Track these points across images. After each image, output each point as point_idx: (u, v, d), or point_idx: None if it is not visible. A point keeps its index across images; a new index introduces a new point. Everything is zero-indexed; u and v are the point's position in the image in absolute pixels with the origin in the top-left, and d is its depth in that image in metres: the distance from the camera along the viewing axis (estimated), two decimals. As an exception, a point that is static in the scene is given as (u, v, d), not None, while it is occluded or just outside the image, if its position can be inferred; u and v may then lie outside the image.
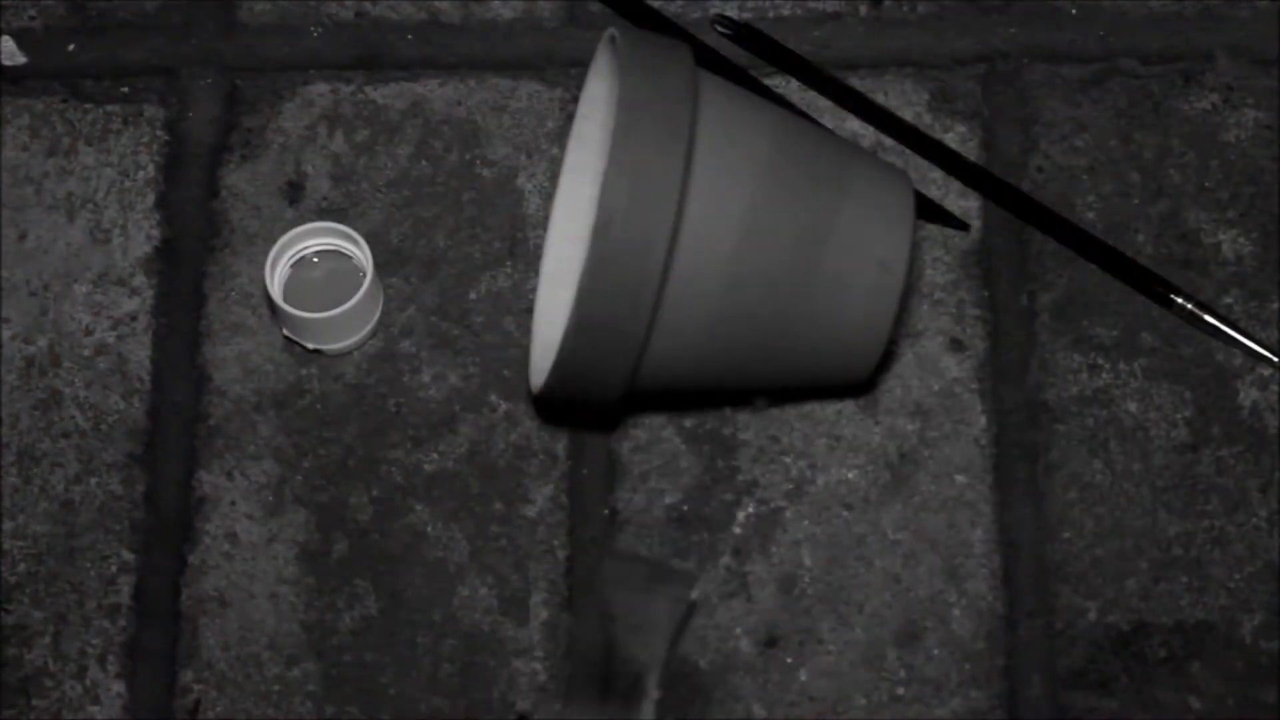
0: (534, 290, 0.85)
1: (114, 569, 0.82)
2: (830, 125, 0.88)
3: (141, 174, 0.88)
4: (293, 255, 0.85)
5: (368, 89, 0.89)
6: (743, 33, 0.89)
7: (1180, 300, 0.84)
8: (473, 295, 0.86)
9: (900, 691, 0.81)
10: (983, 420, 0.84)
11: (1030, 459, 0.83)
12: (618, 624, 0.79)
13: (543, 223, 0.87)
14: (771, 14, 0.90)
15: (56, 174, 0.88)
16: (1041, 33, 0.89)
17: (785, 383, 0.78)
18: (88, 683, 0.81)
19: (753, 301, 0.74)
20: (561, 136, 0.88)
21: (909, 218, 0.76)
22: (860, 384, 0.80)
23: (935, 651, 0.81)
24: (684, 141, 0.72)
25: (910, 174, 0.87)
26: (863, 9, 0.90)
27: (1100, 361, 0.85)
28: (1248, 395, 0.84)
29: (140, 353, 0.85)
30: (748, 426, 0.84)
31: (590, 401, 0.76)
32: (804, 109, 0.88)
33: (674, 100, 0.72)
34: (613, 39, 0.78)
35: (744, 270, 0.73)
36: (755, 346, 0.75)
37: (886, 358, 0.82)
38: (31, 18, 0.90)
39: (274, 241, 0.84)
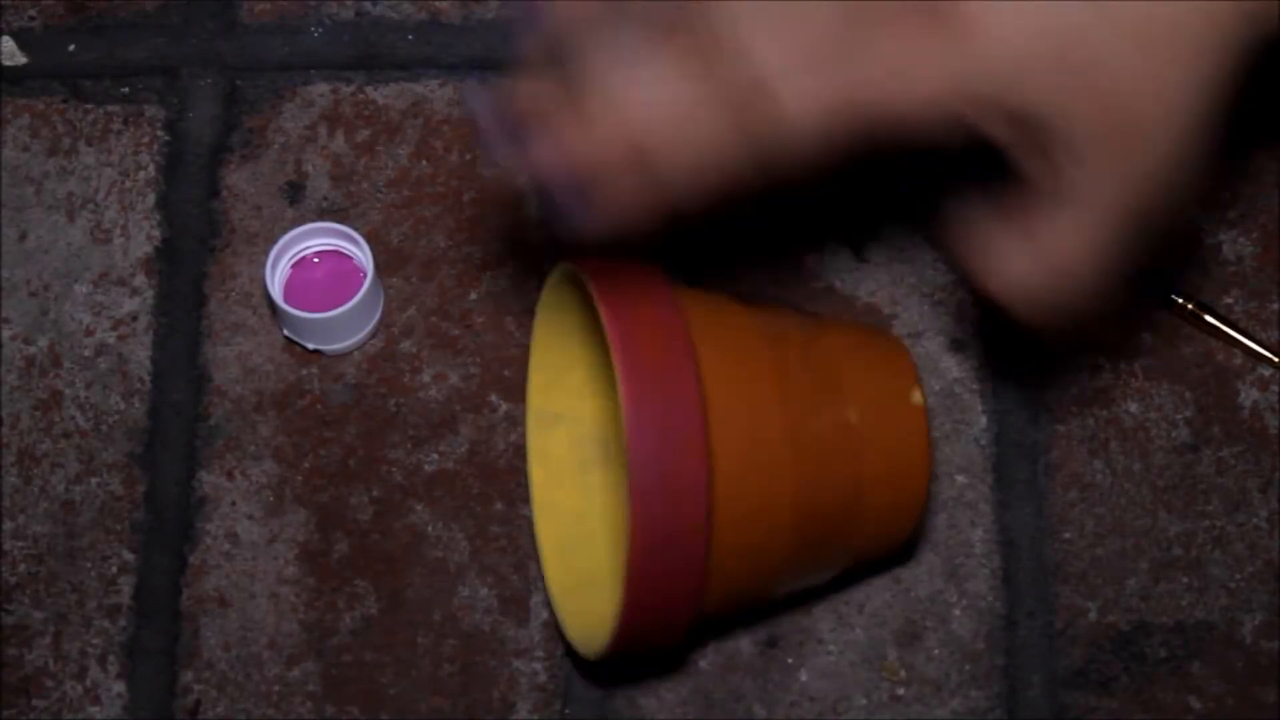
0: (534, 290, 0.85)
1: (114, 569, 0.83)
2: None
3: (142, 174, 0.88)
4: (293, 255, 0.85)
5: (368, 89, 0.89)
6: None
7: (1180, 300, 0.84)
8: (473, 295, 0.86)
9: (900, 691, 0.81)
10: (983, 420, 0.84)
11: (1030, 459, 0.83)
12: None
13: (543, 223, 0.87)
14: (772, 14, 0.90)
15: (56, 174, 0.88)
16: (1042, 33, 0.89)
17: (836, 569, 0.76)
18: (88, 683, 0.81)
19: (797, 495, 0.72)
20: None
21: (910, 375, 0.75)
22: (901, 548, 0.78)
23: (935, 651, 0.81)
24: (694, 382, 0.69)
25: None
26: (863, 9, 0.90)
27: (1100, 361, 0.85)
28: (1248, 395, 0.84)
29: (140, 353, 0.85)
30: (748, 426, 0.84)
31: (651, 652, 0.74)
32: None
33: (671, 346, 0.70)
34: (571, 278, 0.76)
35: (782, 473, 0.71)
36: (806, 542, 0.73)
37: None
38: (31, 18, 0.90)
39: (274, 241, 0.84)
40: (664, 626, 0.71)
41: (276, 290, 0.84)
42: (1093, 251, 0.64)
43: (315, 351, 0.85)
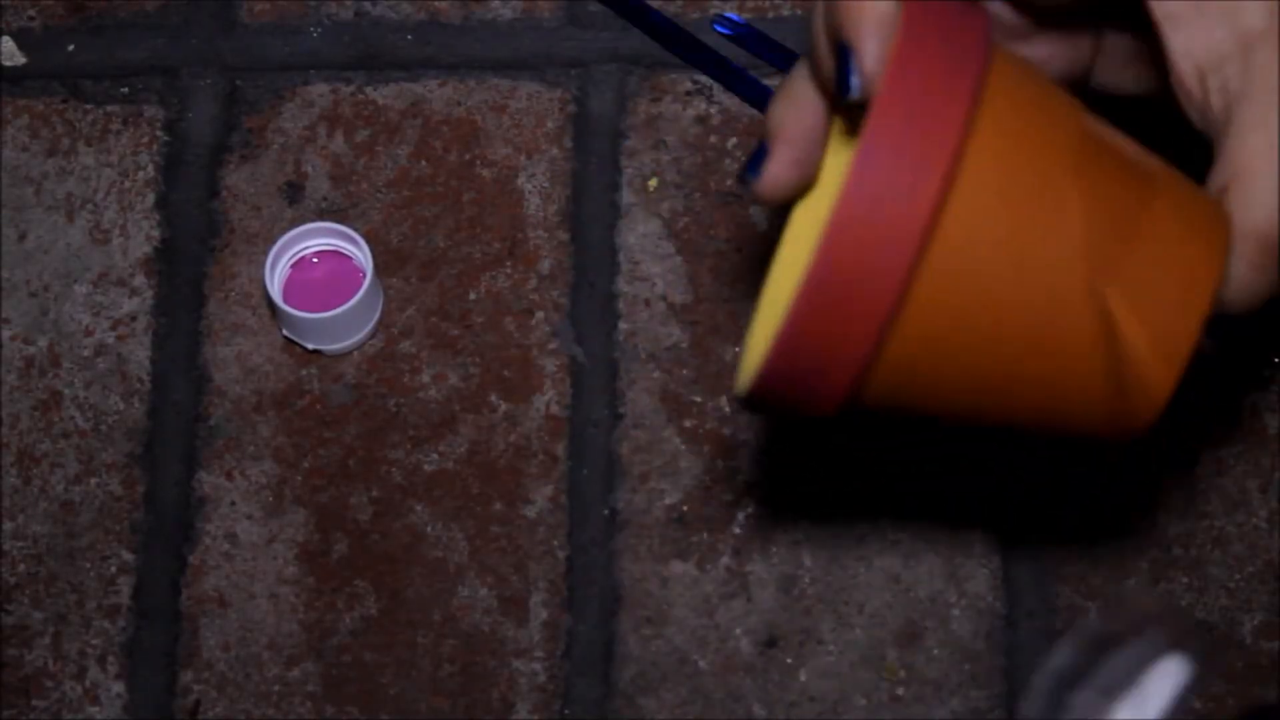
0: (534, 290, 0.86)
1: (114, 569, 0.82)
2: (830, 125, 0.88)
3: (141, 174, 0.88)
4: (293, 255, 0.85)
5: (367, 89, 0.89)
6: (743, 33, 0.89)
7: None
8: (473, 295, 0.86)
9: (900, 691, 0.81)
10: (983, 420, 0.84)
11: (1030, 458, 0.83)
12: None
13: (543, 222, 0.87)
14: (771, 14, 0.90)
15: (56, 174, 0.88)
16: (1041, 33, 0.89)
17: (1039, 416, 0.61)
18: (88, 683, 0.81)
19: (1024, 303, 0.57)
20: (561, 136, 0.88)
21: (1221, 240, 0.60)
22: (1129, 435, 0.62)
23: (935, 651, 0.81)
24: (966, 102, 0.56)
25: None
26: (862, 9, 0.90)
27: (1100, 361, 0.85)
28: (1248, 395, 0.84)
29: (140, 353, 0.85)
30: (748, 426, 0.84)
31: (807, 402, 0.60)
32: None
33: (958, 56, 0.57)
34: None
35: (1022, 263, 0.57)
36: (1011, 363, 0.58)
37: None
38: (31, 18, 0.90)
39: (274, 241, 0.84)
40: (823, 371, 0.57)
41: (276, 290, 0.83)
42: None
43: (315, 352, 0.85)
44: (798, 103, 0.62)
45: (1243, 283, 0.59)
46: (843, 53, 0.58)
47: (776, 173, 0.62)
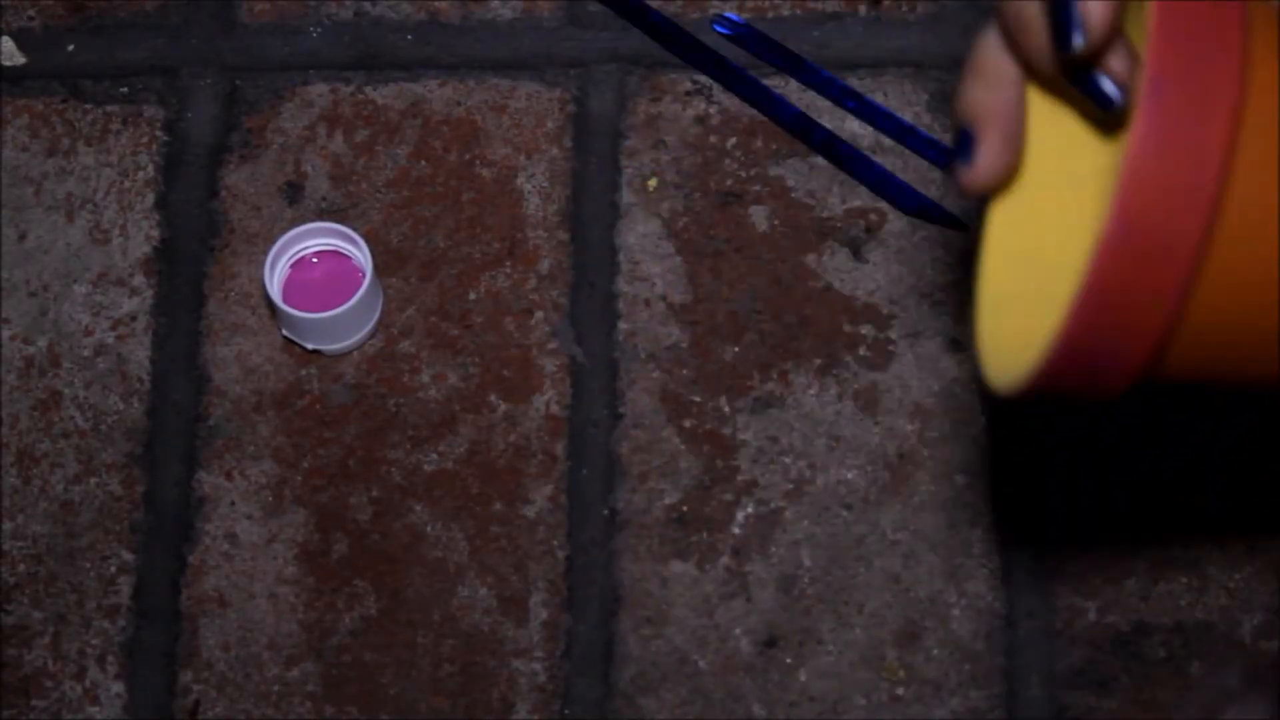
0: (534, 290, 0.86)
1: (114, 569, 0.82)
2: (830, 126, 0.88)
3: (141, 174, 0.88)
4: (292, 255, 0.85)
5: (367, 89, 0.89)
6: (742, 33, 0.89)
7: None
8: (472, 295, 0.86)
9: (900, 691, 0.81)
10: (982, 420, 0.84)
11: (1030, 458, 0.83)
12: None
13: (543, 222, 0.87)
14: (771, 14, 0.90)
15: (56, 174, 0.88)
16: (1041, 33, 0.89)
17: None
18: (87, 683, 0.81)
19: None
20: (561, 136, 0.88)
21: None
22: None
23: (935, 651, 0.81)
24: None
25: (910, 174, 0.87)
26: (862, 9, 0.90)
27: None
28: (1247, 395, 0.84)
29: (140, 353, 0.85)
30: (748, 427, 0.84)
31: (1106, 377, 0.57)
32: (804, 109, 0.88)
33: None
34: None
35: None
36: None
37: None
38: (31, 18, 0.90)
39: (274, 241, 0.84)
40: (1116, 353, 0.55)
41: (276, 290, 0.83)
42: None
43: (315, 352, 0.85)
44: (994, 80, 0.58)
45: None
46: (1061, 5, 0.55)
47: (991, 157, 0.58)
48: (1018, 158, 0.60)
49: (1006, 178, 0.60)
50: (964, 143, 0.58)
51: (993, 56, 0.58)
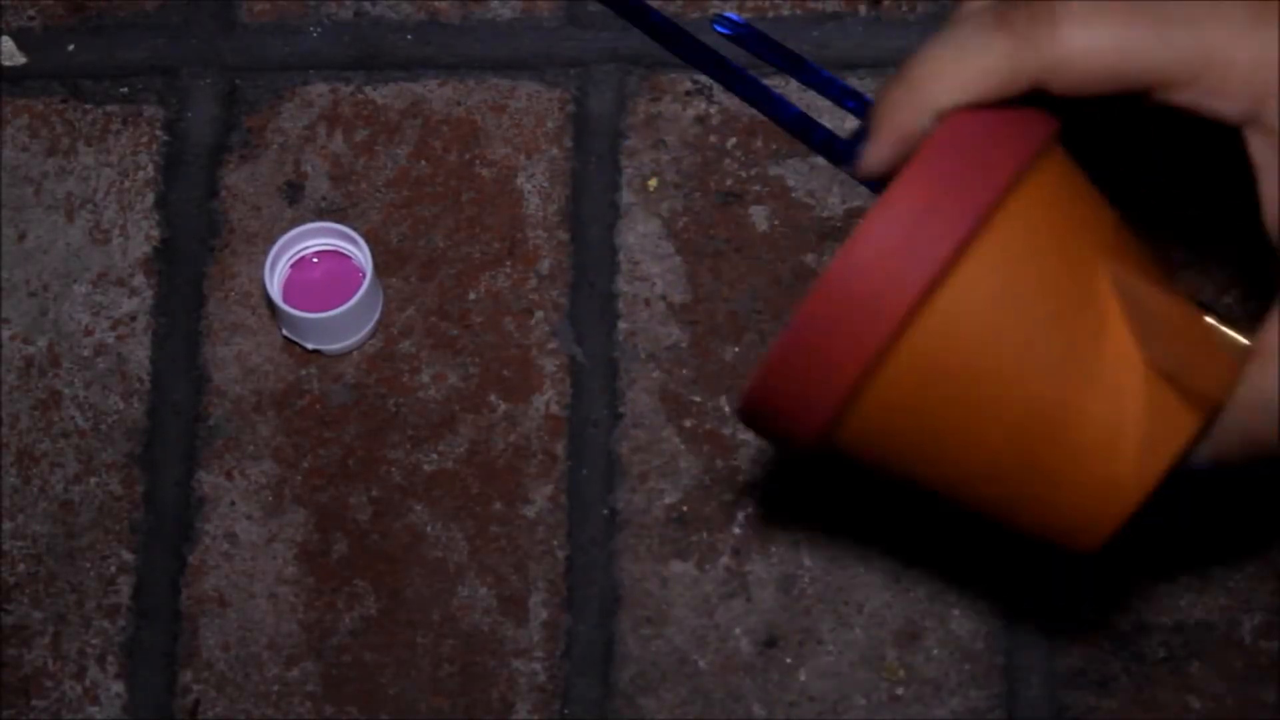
0: (533, 290, 0.86)
1: (114, 569, 0.82)
2: (830, 125, 0.88)
3: (141, 174, 0.88)
4: (292, 255, 0.85)
5: (367, 89, 0.89)
6: (742, 33, 0.89)
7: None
8: (472, 295, 0.86)
9: (900, 691, 0.81)
10: (982, 420, 0.84)
11: (1030, 459, 0.83)
12: None
13: (542, 222, 0.87)
14: (771, 14, 0.90)
15: (56, 174, 0.88)
16: (1041, 33, 0.89)
17: (1008, 509, 0.61)
18: (87, 683, 0.81)
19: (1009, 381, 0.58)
20: (561, 136, 0.88)
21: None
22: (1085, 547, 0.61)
23: (935, 651, 0.81)
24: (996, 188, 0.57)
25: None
26: (863, 9, 0.90)
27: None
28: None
29: (140, 353, 0.85)
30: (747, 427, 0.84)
31: (788, 431, 0.60)
32: (804, 109, 0.88)
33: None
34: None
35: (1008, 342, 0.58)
36: (988, 451, 0.59)
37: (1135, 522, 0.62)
38: (31, 18, 0.90)
39: (273, 241, 0.84)
40: (805, 391, 0.58)
41: (275, 290, 0.83)
42: None
43: (314, 351, 0.85)
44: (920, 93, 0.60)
45: (1225, 444, 0.60)
46: (862, 132, 0.59)
47: (872, 161, 0.60)
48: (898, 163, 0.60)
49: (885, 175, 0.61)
50: (860, 136, 0.60)
51: (930, 73, 0.60)
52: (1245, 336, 0.61)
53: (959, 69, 0.58)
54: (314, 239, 0.85)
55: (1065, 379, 0.58)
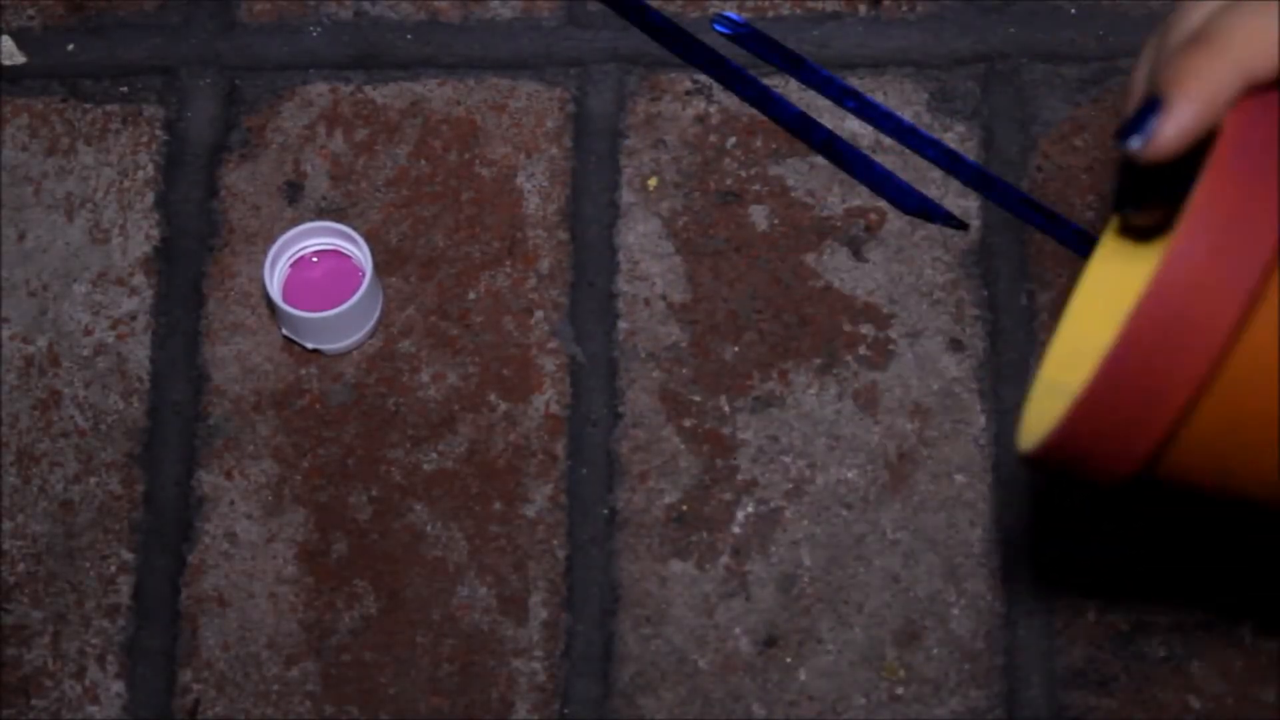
0: (533, 289, 0.85)
1: (114, 569, 0.82)
2: (830, 125, 0.88)
3: (140, 174, 0.88)
4: (292, 255, 0.85)
5: (367, 89, 0.89)
6: (742, 33, 0.89)
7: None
8: (472, 295, 0.86)
9: (900, 691, 0.81)
10: (982, 420, 0.84)
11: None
12: None
13: (542, 222, 0.87)
14: (771, 14, 0.90)
15: (56, 174, 0.88)
16: (1041, 32, 0.89)
17: None
18: (87, 683, 0.81)
19: None
20: (561, 136, 0.88)
21: None
22: None
23: (935, 651, 0.81)
24: None
25: (910, 173, 0.87)
26: (862, 9, 0.90)
27: (1100, 361, 0.84)
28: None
29: (140, 353, 0.85)
30: (748, 426, 0.84)
31: (1103, 464, 0.56)
32: (804, 109, 0.88)
33: None
34: None
35: None
36: None
37: None
38: (31, 18, 0.90)
39: (273, 241, 0.84)
40: (1127, 429, 0.54)
41: (275, 290, 0.83)
42: None
43: (314, 351, 0.85)
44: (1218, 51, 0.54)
45: None
46: (1150, 104, 0.54)
47: (1173, 128, 0.54)
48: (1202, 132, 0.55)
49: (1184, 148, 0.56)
50: (1150, 109, 0.55)
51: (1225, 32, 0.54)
52: None
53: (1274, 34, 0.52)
54: (314, 238, 0.85)
55: None
